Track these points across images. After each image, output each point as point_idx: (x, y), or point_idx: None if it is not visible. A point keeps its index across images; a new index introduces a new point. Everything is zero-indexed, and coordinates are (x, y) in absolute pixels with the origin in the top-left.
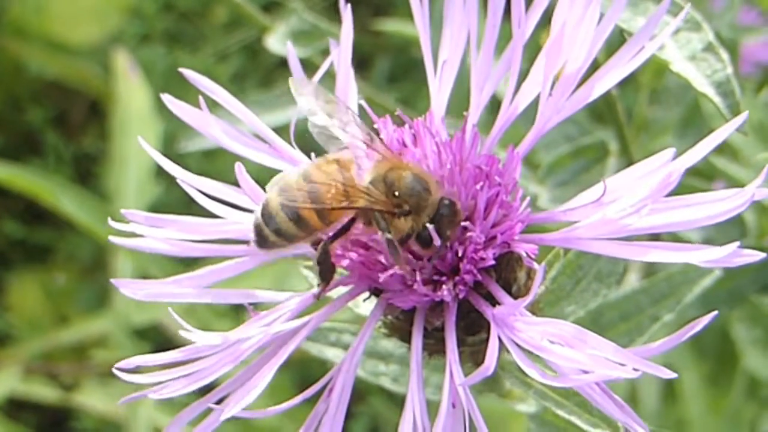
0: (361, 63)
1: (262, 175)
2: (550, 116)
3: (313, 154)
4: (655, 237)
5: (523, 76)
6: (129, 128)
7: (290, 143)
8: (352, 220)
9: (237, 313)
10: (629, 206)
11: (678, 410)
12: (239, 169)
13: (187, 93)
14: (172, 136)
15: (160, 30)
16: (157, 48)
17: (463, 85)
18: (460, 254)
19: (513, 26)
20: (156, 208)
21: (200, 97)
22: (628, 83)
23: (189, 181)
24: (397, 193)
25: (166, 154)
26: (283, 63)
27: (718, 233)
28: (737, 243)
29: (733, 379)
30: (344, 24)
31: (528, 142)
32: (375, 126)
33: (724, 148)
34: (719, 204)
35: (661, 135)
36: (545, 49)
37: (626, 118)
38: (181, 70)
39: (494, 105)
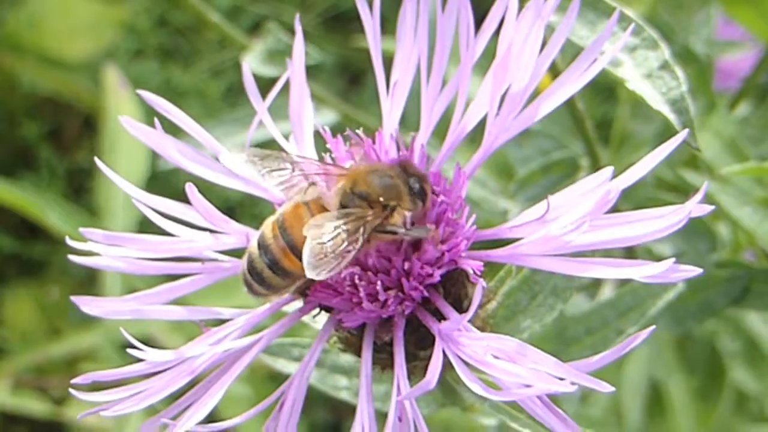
0: (354, 79)
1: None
2: (498, 135)
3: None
4: (629, 251)
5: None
6: (118, 143)
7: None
8: None
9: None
10: (570, 223)
11: (666, 424)
12: (190, 189)
13: (180, 108)
14: None
15: (154, 45)
16: (151, 63)
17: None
18: (407, 270)
19: (461, 48)
20: (145, 223)
21: (155, 119)
22: (609, 97)
23: (145, 201)
24: (382, 199)
25: (155, 169)
26: (275, 79)
27: (689, 247)
28: (673, 259)
29: (722, 392)
30: (296, 45)
31: (476, 160)
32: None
33: (698, 163)
34: (659, 220)
35: (641, 148)
36: (492, 69)
37: (606, 132)
38: (140, 91)
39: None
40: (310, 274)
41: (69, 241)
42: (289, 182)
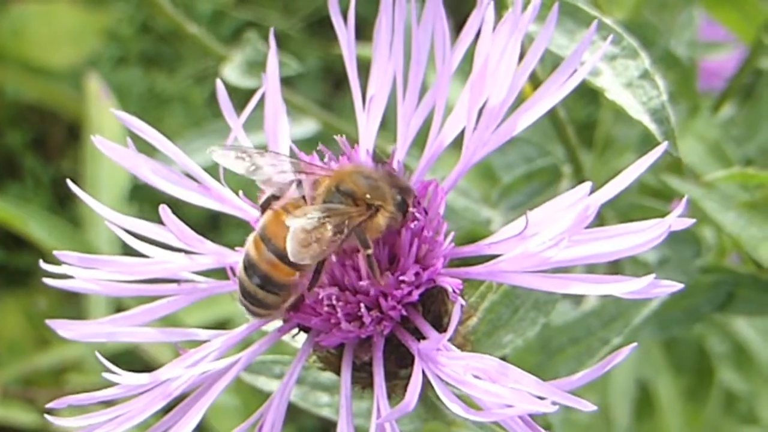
0: (338, 83)
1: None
2: (476, 149)
3: (241, 192)
4: (615, 263)
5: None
6: (101, 153)
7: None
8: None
9: None
10: (549, 239)
11: (654, 425)
12: (164, 210)
13: (163, 115)
14: None
15: (136, 52)
16: (134, 70)
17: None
18: (382, 290)
19: (437, 62)
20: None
21: (128, 138)
22: (593, 99)
23: (118, 223)
24: (368, 196)
25: (138, 178)
26: (255, 90)
27: (674, 253)
28: (653, 275)
29: (710, 392)
30: (269, 61)
31: (455, 175)
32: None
33: (682, 168)
34: (640, 234)
35: (625, 152)
36: (469, 83)
37: (590, 134)
38: (114, 111)
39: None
40: (294, 258)
41: (43, 265)
42: (277, 179)
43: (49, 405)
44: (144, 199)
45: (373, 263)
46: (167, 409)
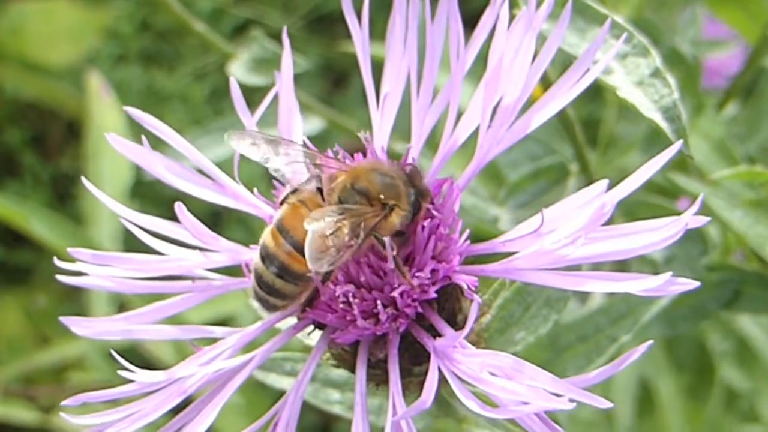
0: (339, 80)
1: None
2: (490, 148)
3: (255, 190)
4: (621, 260)
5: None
6: (102, 150)
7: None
8: None
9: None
10: (565, 237)
11: (655, 423)
12: (179, 208)
13: (163, 112)
14: None
15: (136, 50)
16: (134, 68)
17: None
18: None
19: (451, 59)
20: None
21: (143, 137)
22: (595, 96)
23: (132, 219)
24: (382, 196)
25: (140, 175)
26: (259, 86)
27: (680, 250)
28: (670, 273)
29: (711, 390)
30: (284, 60)
31: (468, 173)
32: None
33: (687, 165)
34: (656, 233)
35: (629, 150)
36: (483, 81)
37: (592, 132)
38: (126, 108)
39: None
40: (312, 266)
41: (57, 262)
42: (290, 170)
43: (63, 402)
44: (145, 196)
45: (400, 263)
46: (176, 409)
